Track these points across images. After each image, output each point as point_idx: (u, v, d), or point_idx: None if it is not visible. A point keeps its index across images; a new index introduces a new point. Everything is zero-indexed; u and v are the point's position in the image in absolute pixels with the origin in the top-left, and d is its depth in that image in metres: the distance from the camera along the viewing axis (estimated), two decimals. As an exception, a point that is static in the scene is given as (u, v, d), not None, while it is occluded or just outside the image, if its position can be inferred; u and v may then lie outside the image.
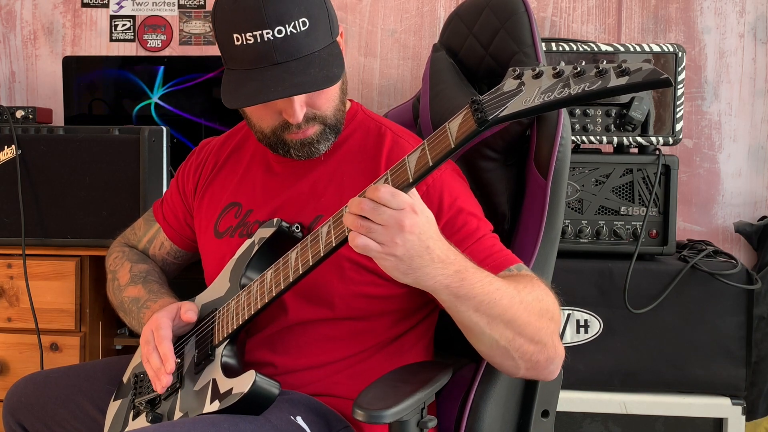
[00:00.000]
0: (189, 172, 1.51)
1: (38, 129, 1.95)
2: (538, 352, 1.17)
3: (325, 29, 1.23)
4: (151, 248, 1.57)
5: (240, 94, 1.21)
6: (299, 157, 1.31)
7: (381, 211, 1.03)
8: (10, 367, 1.96)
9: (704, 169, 2.34)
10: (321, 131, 1.29)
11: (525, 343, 1.15)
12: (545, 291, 1.19)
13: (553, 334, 1.18)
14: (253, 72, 1.20)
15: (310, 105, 1.26)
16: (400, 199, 1.03)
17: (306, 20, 1.19)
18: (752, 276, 1.86)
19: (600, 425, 1.90)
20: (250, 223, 1.37)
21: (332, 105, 1.29)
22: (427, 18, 2.44)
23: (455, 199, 1.27)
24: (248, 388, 1.15)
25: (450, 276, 1.08)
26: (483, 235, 1.25)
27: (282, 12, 1.18)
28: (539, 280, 1.21)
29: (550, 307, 1.18)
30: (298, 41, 1.19)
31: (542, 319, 1.16)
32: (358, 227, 1.04)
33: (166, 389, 1.26)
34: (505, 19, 1.46)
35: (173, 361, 1.25)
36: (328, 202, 1.30)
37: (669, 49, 1.92)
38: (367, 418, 1.07)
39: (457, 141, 1.02)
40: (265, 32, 1.18)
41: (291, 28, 1.18)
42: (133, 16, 2.53)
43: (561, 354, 1.20)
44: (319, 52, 1.22)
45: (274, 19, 1.18)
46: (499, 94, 1.00)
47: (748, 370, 1.87)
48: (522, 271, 1.23)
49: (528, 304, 1.14)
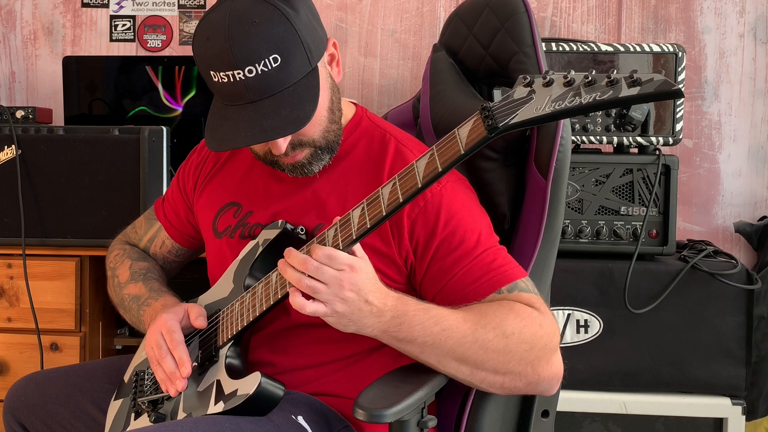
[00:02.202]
0: (189, 170, 1.51)
1: (38, 129, 1.95)
2: (511, 380, 1.18)
3: (301, 60, 1.21)
4: (152, 247, 1.57)
5: (216, 135, 1.23)
6: (295, 176, 1.32)
7: (323, 270, 1.11)
8: (10, 367, 1.96)
9: (704, 169, 2.34)
10: (312, 153, 1.29)
11: (488, 375, 1.18)
12: (525, 320, 1.17)
13: (534, 363, 1.17)
14: (230, 109, 1.22)
15: (296, 133, 1.25)
16: (339, 260, 1.11)
17: (277, 56, 1.18)
18: (752, 276, 1.86)
19: (600, 425, 1.90)
20: (250, 225, 1.37)
21: (319, 129, 1.28)
22: (427, 18, 2.44)
23: (452, 215, 1.25)
24: (253, 390, 1.15)
25: (386, 322, 1.14)
26: (481, 252, 1.23)
27: (250, 52, 1.17)
28: (522, 308, 1.18)
29: (528, 338, 1.17)
30: (270, 78, 1.18)
31: (509, 354, 1.16)
32: (304, 287, 1.12)
33: (166, 391, 1.27)
34: (505, 19, 1.46)
35: (189, 366, 1.25)
36: (330, 210, 1.30)
37: (669, 49, 1.92)
38: (367, 417, 1.07)
39: (466, 147, 1.03)
40: (236, 72, 1.18)
41: (262, 67, 1.17)
42: (133, 16, 2.53)
43: (549, 377, 1.20)
44: (294, 86, 1.21)
45: (243, 59, 1.17)
46: (509, 101, 1.00)
47: (748, 370, 1.87)
48: (513, 293, 1.21)
49: (485, 342, 1.15)
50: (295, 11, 1.21)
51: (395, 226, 1.25)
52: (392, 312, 1.14)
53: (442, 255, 1.24)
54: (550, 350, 1.19)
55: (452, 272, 1.23)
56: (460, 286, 1.22)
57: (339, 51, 1.32)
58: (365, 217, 1.12)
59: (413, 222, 1.25)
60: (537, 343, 1.18)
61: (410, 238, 1.25)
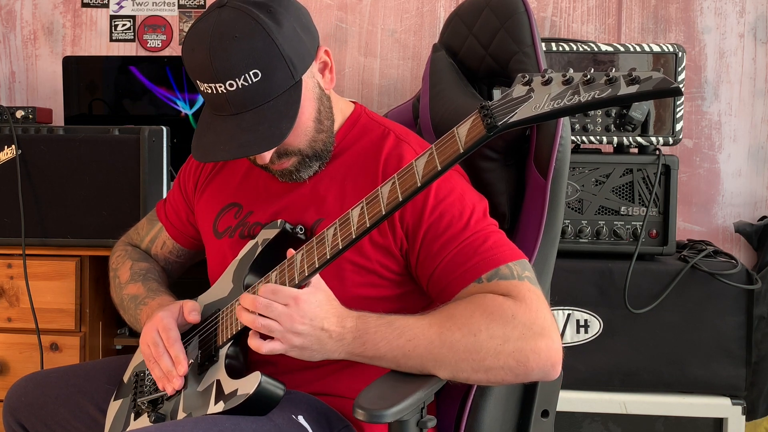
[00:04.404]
0: (190, 171, 1.52)
1: (38, 129, 1.95)
2: (496, 375, 1.15)
3: (284, 75, 1.21)
4: (153, 247, 1.57)
5: (200, 144, 1.26)
6: (285, 181, 1.34)
7: (273, 307, 1.13)
8: (10, 367, 1.96)
9: (704, 169, 2.34)
10: (299, 161, 1.30)
11: (471, 374, 1.16)
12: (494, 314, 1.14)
13: (516, 354, 1.13)
14: (216, 119, 1.24)
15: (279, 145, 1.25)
16: (282, 294, 1.13)
17: (257, 71, 1.19)
18: (752, 276, 1.86)
19: (600, 425, 1.90)
20: (250, 224, 1.37)
21: (305, 139, 1.28)
22: (427, 18, 2.44)
23: (440, 201, 1.24)
24: (253, 390, 1.15)
25: (349, 344, 1.15)
26: (469, 236, 1.22)
27: (229, 67, 1.18)
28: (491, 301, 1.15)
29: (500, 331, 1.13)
30: (252, 92, 1.20)
31: (482, 351, 1.13)
32: (258, 327, 1.13)
33: (163, 390, 1.27)
34: (505, 19, 1.46)
35: (186, 364, 1.25)
36: (330, 206, 1.30)
37: (669, 49, 1.92)
38: (367, 417, 1.07)
39: (466, 146, 1.03)
40: (218, 85, 1.20)
41: (242, 81, 1.19)
42: (133, 16, 2.53)
43: (540, 365, 1.15)
44: (275, 101, 1.21)
45: (223, 74, 1.19)
46: (508, 100, 1.00)
47: (748, 370, 1.87)
48: (492, 282, 1.18)
49: (453, 343, 1.14)
50: (278, 25, 1.21)
51: None
52: (352, 333, 1.15)
53: (429, 240, 1.24)
54: (531, 338, 1.14)
55: (440, 257, 1.22)
56: (447, 271, 1.22)
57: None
58: (365, 216, 1.12)
59: (402, 209, 1.24)
60: (511, 334, 1.14)
61: (401, 224, 1.26)
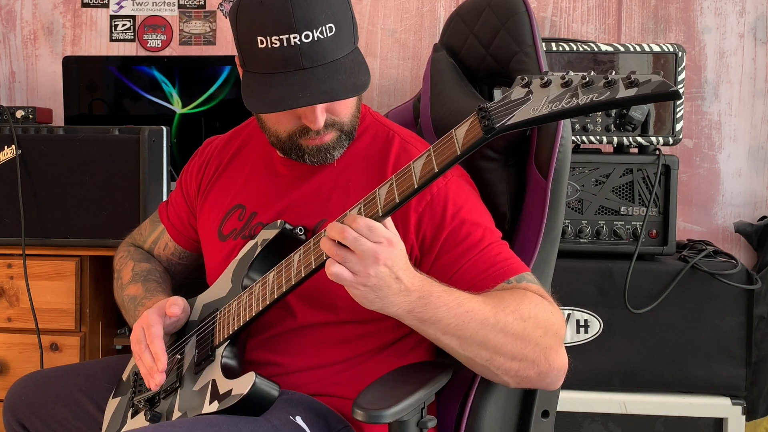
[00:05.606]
0: (192, 173, 1.51)
1: (38, 129, 1.95)
2: (525, 368, 1.17)
3: (349, 35, 1.22)
4: (155, 249, 1.57)
5: (265, 98, 1.20)
6: (313, 163, 1.31)
7: (361, 242, 1.06)
8: (10, 367, 1.96)
9: (704, 169, 2.34)
10: (337, 138, 1.29)
11: (506, 361, 1.16)
12: (539, 306, 1.18)
13: (546, 350, 1.17)
14: (276, 76, 1.19)
15: (330, 112, 1.26)
16: (377, 232, 1.07)
17: (333, 26, 1.18)
18: (752, 276, 1.86)
19: (600, 425, 1.90)
20: (254, 226, 1.37)
21: (350, 112, 1.29)
22: (427, 18, 2.44)
23: (459, 209, 1.26)
24: (248, 390, 1.15)
25: (413, 302, 1.11)
26: (487, 245, 1.24)
27: (311, 17, 1.17)
28: (533, 295, 1.19)
29: (543, 323, 1.17)
30: (325, 47, 1.18)
31: (526, 338, 1.15)
32: (335, 255, 1.08)
33: (160, 387, 1.26)
34: (505, 19, 1.46)
35: (165, 360, 1.24)
36: (332, 206, 1.30)
37: (669, 49, 1.92)
38: (366, 417, 1.07)
39: (463, 148, 1.02)
40: (293, 36, 1.17)
41: (318, 33, 1.17)
42: (133, 16, 2.53)
43: (558, 367, 1.19)
44: (344, 59, 1.21)
45: (303, 23, 1.16)
46: (506, 102, 1.00)
47: (748, 370, 1.87)
48: (522, 283, 1.21)
49: (505, 325, 1.14)
50: None
51: (401, 221, 1.25)
52: (419, 292, 1.11)
53: (448, 247, 1.24)
54: (559, 339, 1.19)
55: (459, 264, 1.23)
56: (468, 277, 1.22)
57: None
58: None
59: (420, 216, 1.25)
60: (550, 329, 1.17)
61: (416, 232, 1.25)
